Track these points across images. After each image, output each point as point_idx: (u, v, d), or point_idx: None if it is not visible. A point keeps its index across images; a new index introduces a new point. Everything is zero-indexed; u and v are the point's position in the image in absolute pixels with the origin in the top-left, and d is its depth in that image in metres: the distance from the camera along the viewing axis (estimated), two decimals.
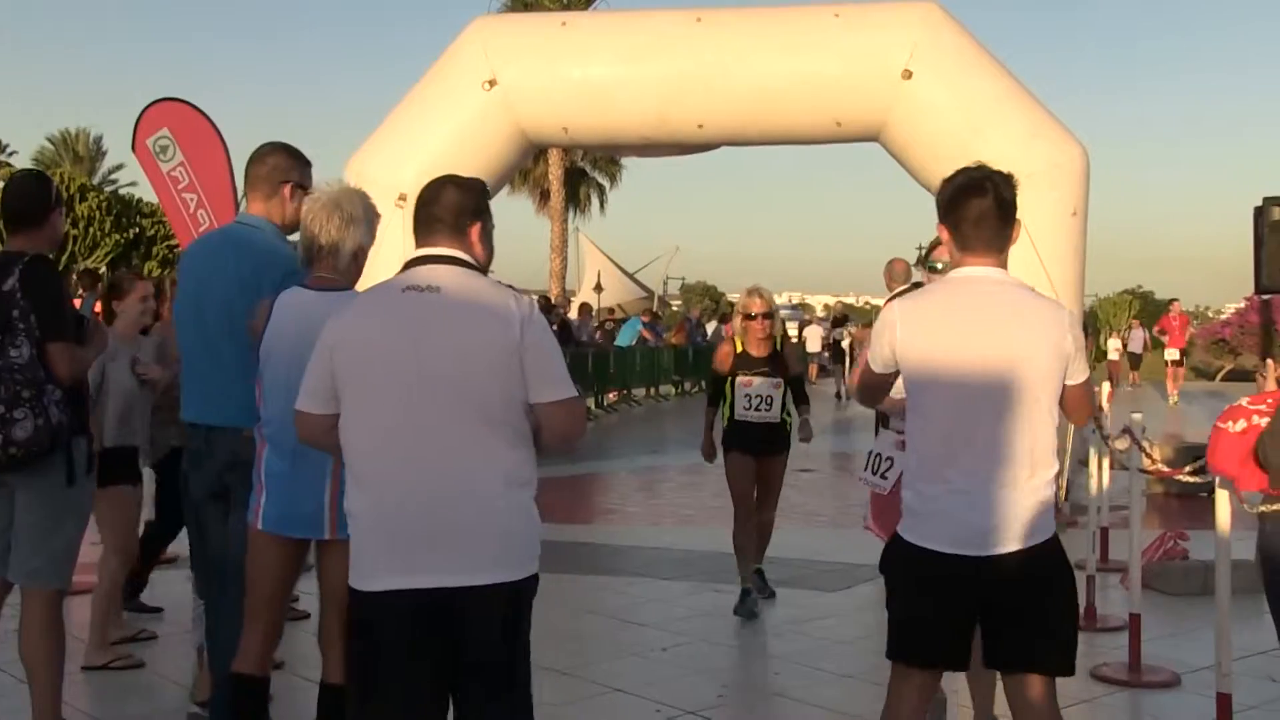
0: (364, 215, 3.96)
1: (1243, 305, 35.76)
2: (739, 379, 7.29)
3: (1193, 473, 5.99)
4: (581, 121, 11.62)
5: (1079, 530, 8.74)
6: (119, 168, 52.47)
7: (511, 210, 42.84)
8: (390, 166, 11.15)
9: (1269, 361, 6.77)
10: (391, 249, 5.63)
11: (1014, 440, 3.30)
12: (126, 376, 6.13)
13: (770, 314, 7.30)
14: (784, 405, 7.31)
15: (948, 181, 3.48)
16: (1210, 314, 52.64)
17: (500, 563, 3.06)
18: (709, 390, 7.58)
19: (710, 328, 33.86)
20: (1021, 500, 3.29)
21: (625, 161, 39.77)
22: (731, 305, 55.44)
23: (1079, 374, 3.40)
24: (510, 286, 3.22)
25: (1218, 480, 4.30)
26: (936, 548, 3.32)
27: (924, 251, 4.35)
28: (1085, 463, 8.46)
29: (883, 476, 5.01)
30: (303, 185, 4.40)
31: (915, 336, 3.39)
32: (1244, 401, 3.86)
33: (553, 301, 24.46)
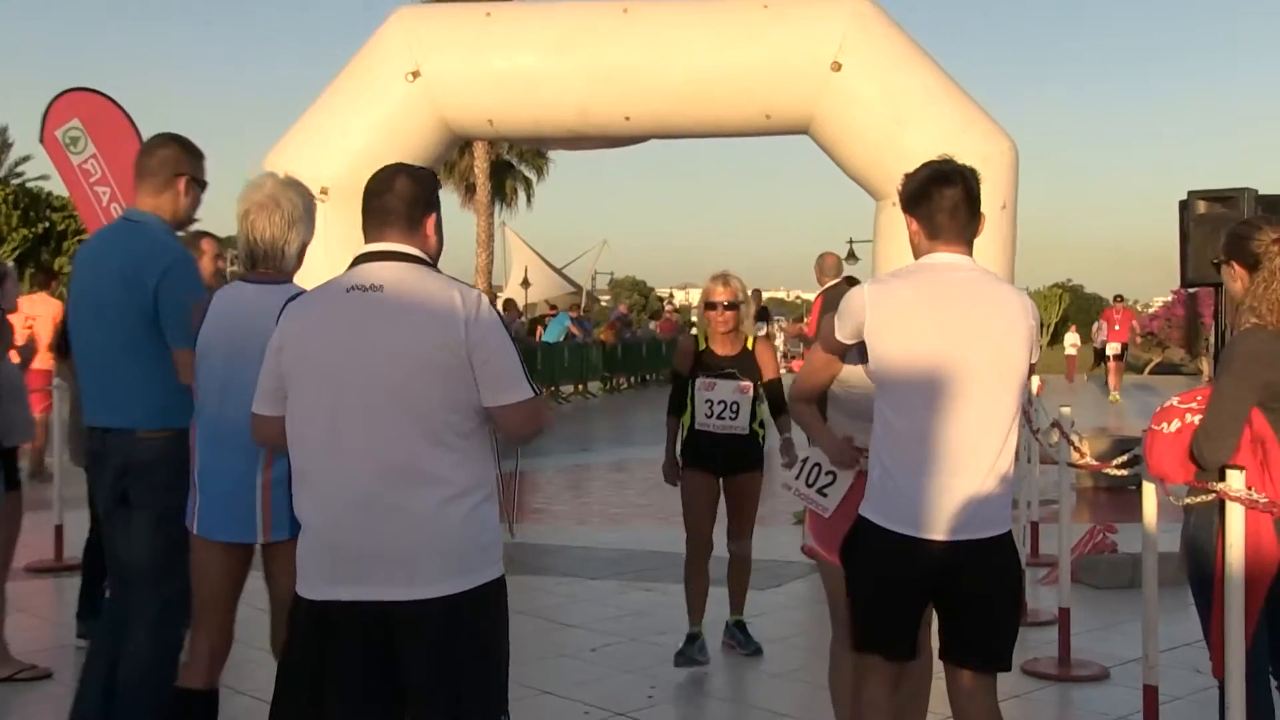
0: (304, 211, 3.90)
1: (1170, 299, 36.50)
2: (699, 381, 6.09)
3: (1120, 466, 6.10)
4: (507, 113, 11.57)
5: (1011, 526, 8.87)
6: (26, 159, 51.30)
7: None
8: (311, 159, 11.02)
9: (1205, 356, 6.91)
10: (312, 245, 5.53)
11: (989, 426, 3.40)
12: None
13: (736, 304, 6.06)
14: (755, 415, 6.11)
15: (914, 173, 3.58)
16: (1139, 307, 53.71)
17: (434, 576, 2.96)
18: (671, 395, 6.29)
19: (651, 324, 33.84)
20: (990, 488, 3.40)
21: (552, 154, 39.65)
22: (662, 301, 55.30)
23: (1035, 355, 3.55)
24: (460, 281, 3.14)
25: (1144, 473, 4.38)
26: (901, 530, 3.40)
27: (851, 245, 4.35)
28: (1016, 457, 8.58)
29: (821, 492, 4.20)
30: (197, 179, 4.31)
31: (889, 321, 3.44)
32: (1175, 401, 3.92)
33: None
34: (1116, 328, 25.27)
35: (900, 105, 10.73)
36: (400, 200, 3.14)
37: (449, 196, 40.02)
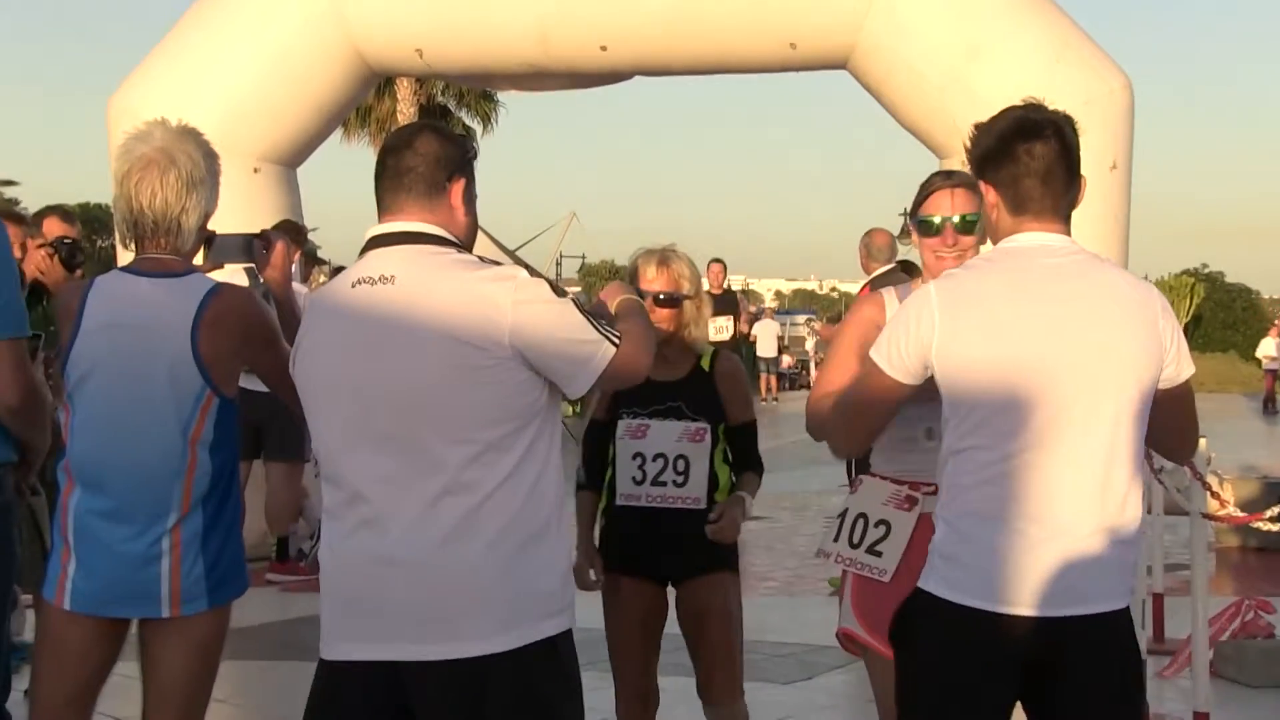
0: (207, 171, 3.96)
1: None
2: (622, 425, 5.09)
3: (1277, 519, 6.11)
4: (442, 41, 11.56)
5: None
6: None
7: (346, 162, 42.32)
8: (172, 103, 10.95)
9: None
10: None
11: (1098, 464, 3.39)
12: None
13: (677, 297, 5.10)
14: (718, 478, 5.14)
15: (989, 124, 3.58)
16: None
17: (462, 632, 3.20)
18: (583, 453, 5.34)
19: None
20: (1100, 546, 3.38)
21: (503, 97, 39.65)
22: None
23: (1182, 370, 3.51)
24: (490, 261, 3.34)
25: None
26: (975, 603, 3.38)
27: (908, 216, 4.32)
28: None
29: (872, 551, 4.06)
30: None
31: (965, 331, 3.42)
32: None
33: None
34: None
35: (972, 28, 10.75)
36: (421, 160, 3.34)
37: (363, 152, 40.04)
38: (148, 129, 3.94)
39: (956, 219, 4.08)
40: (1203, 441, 6.63)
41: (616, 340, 3.33)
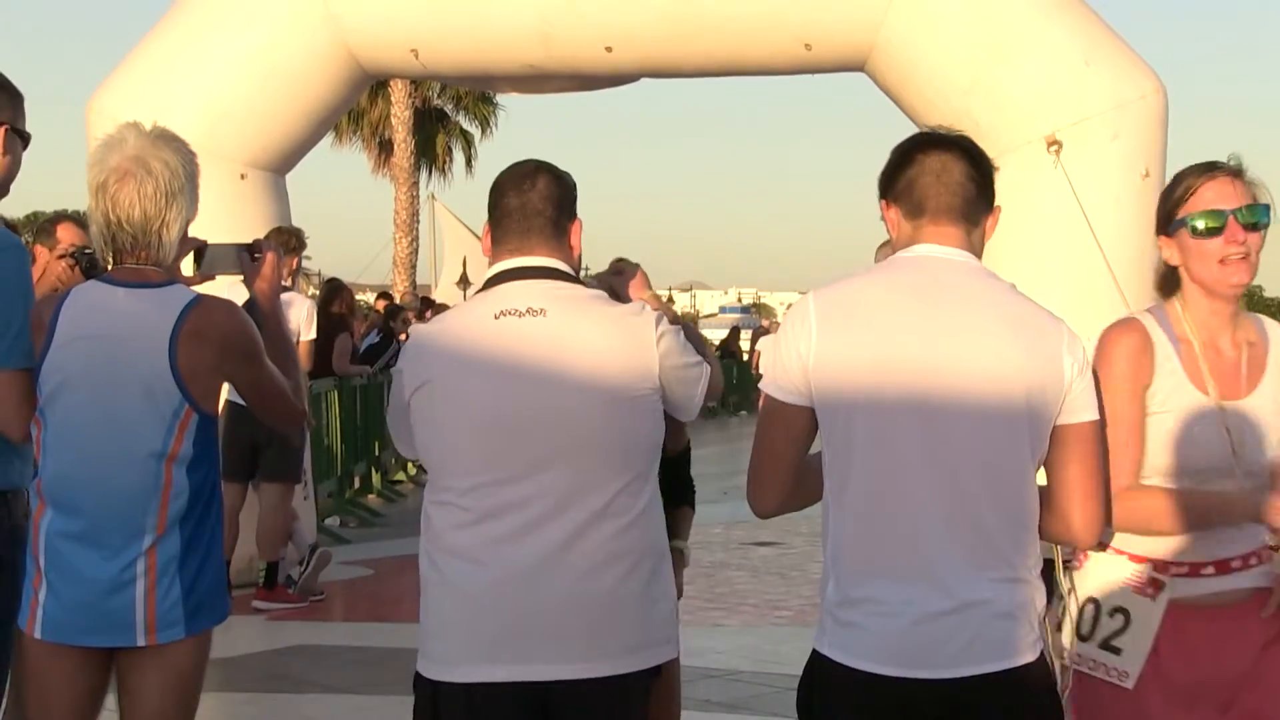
0: (186, 179, 3.95)
1: None
2: None
3: None
4: (438, 42, 11.58)
5: None
6: None
7: (338, 169, 42.41)
8: (153, 106, 10.96)
9: None
10: None
11: (991, 504, 3.25)
12: None
13: None
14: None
15: (892, 151, 3.48)
16: None
17: (605, 651, 3.58)
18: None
19: None
20: (1001, 598, 3.25)
21: (502, 100, 39.76)
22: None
23: (1080, 411, 3.32)
24: (627, 300, 3.88)
25: None
26: (876, 669, 3.24)
27: (1168, 224, 3.95)
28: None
29: (1108, 647, 3.61)
30: (17, 129, 4.33)
31: (837, 344, 3.29)
32: None
33: (397, 301, 24.31)
34: None
35: (997, 29, 10.73)
36: (546, 202, 3.69)
37: (355, 158, 40.19)
38: (120, 134, 3.92)
39: (1243, 210, 3.61)
40: None
41: (706, 360, 3.82)
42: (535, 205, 3.67)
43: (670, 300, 18.21)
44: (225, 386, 4.04)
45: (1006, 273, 11.15)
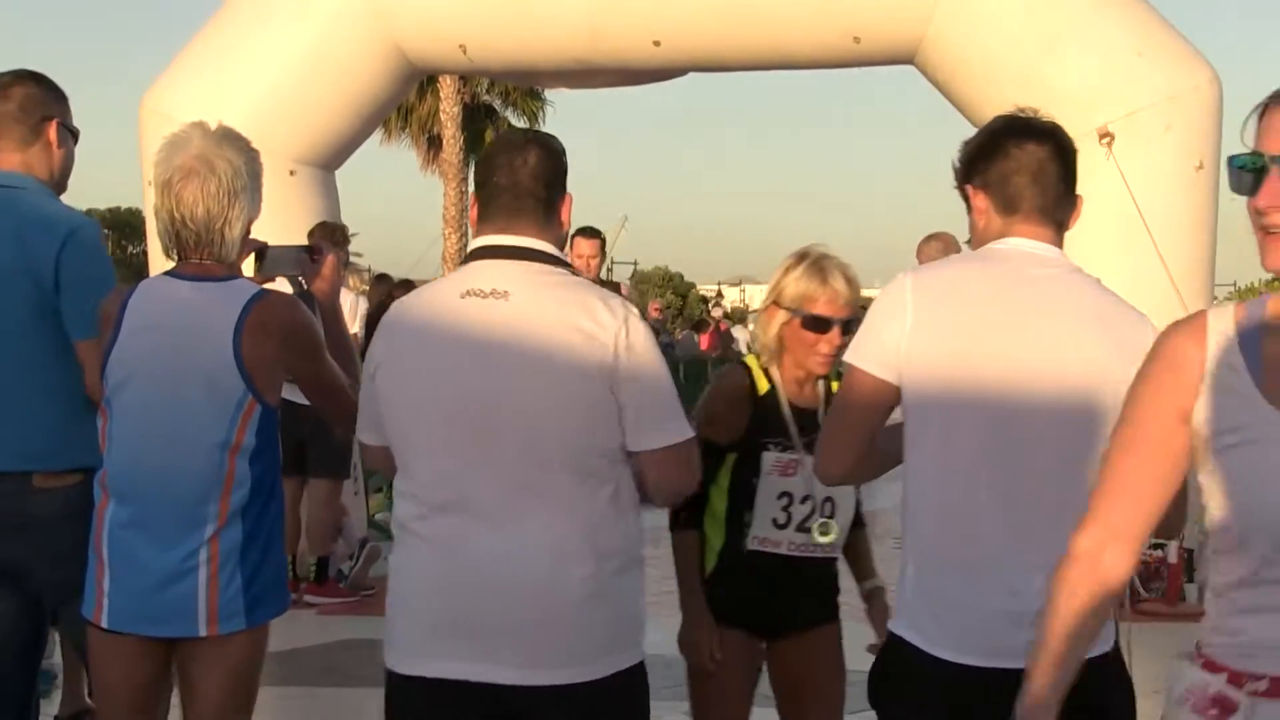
0: (250, 177, 4.02)
1: None
2: (770, 459, 4.48)
3: None
4: (486, 37, 11.60)
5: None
6: None
7: (387, 165, 42.43)
8: (205, 104, 11.05)
9: None
10: None
11: (1080, 495, 3.17)
12: None
13: (851, 320, 4.39)
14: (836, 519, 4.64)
15: (980, 130, 3.51)
16: None
17: (577, 657, 3.41)
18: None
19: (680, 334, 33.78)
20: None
21: (551, 95, 39.77)
22: (705, 301, 55.02)
23: None
24: (600, 287, 3.57)
25: None
26: (959, 658, 3.27)
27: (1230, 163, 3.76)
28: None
29: None
30: (68, 125, 4.50)
31: (933, 328, 3.30)
32: None
33: None
34: None
35: (1049, 20, 10.68)
36: (537, 181, 3.50)
37: (404, 154, 40.38)
38: (185, 134, 3.98)
39: None
40: None
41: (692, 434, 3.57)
42: (526, 185, 3.49)
43: (720, 296, 18.12)
44: None
45: None
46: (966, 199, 3.50)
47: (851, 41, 11.24)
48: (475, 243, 3.53)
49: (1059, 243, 3.42)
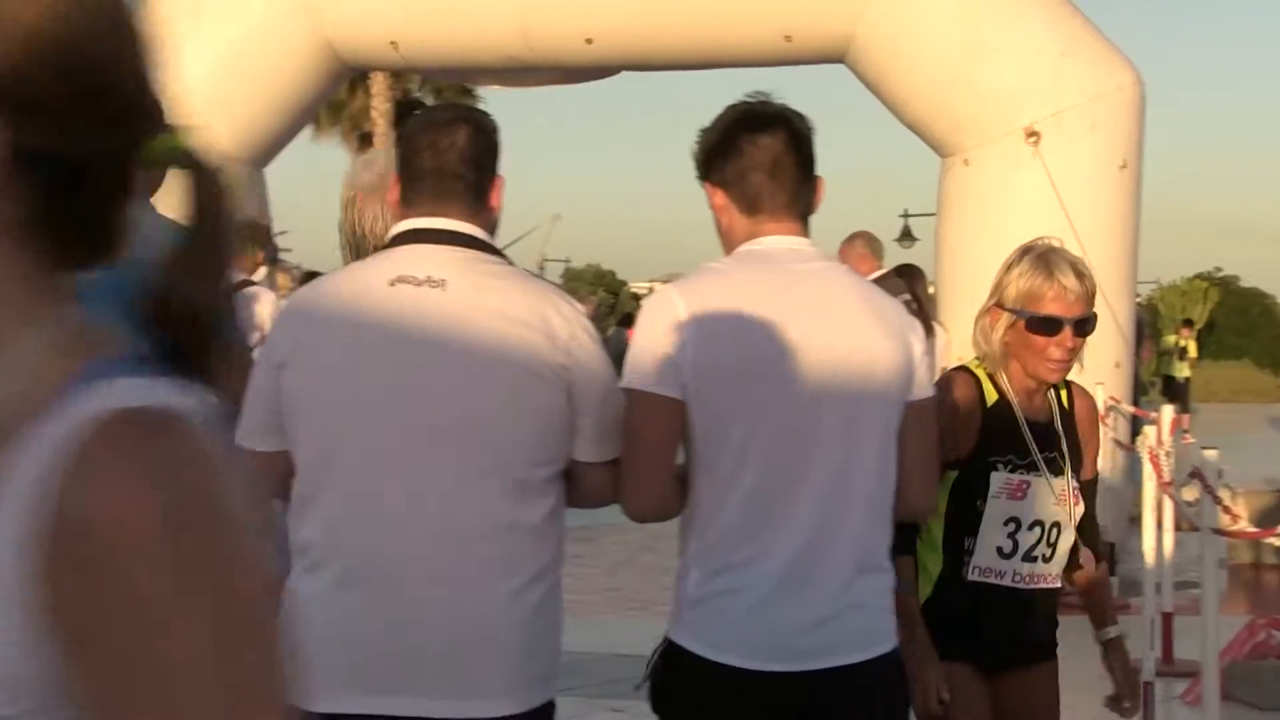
0: None
1: None
2: (999, 479, 4.02)
3: None
4: (418, 33, 11.59)
5: (1133, 617, 8.91)
6: None
7: (317, 160, 42.25)
8: None
9: None
10: None
11: (858, 491, 3.28)
12: None
13: (1089, 320, 4.01)
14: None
15: (713, 121, 3.40)
16: None
17: (497, 688, 3.09)
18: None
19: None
20: (864, 587, 3.29)
21: (483, 93, 39.60)
22: (638, 299, 55.10)
23: (926, 385, 3.41)
24: (548, 282, 3.28)
25: None
26: (737, 662, 3.23)
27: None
28: (1139, 520, 8.59)
29: None
30: None
31: (714, 338, 3.22)
32: None
33: None
34: None
35: (977, 19, 10.77)
36: (465, 164, 3.20)
37: (334, 150, 40.11)
38: (373, 154, 4.02)
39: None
40: (1214, 453, 6.66)
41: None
42: (453, 168, 3.19)
43: (652, 293, 18.02)
44: None
45: (984, 263, 11.21)
46: (711, 203, 3.42)
47: (783, 40, 11.28)
48: (400, 225, 3.22)
49: (807, 233, 3.38)
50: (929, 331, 10.46)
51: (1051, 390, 4.11)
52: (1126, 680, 4.20)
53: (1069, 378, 4.16)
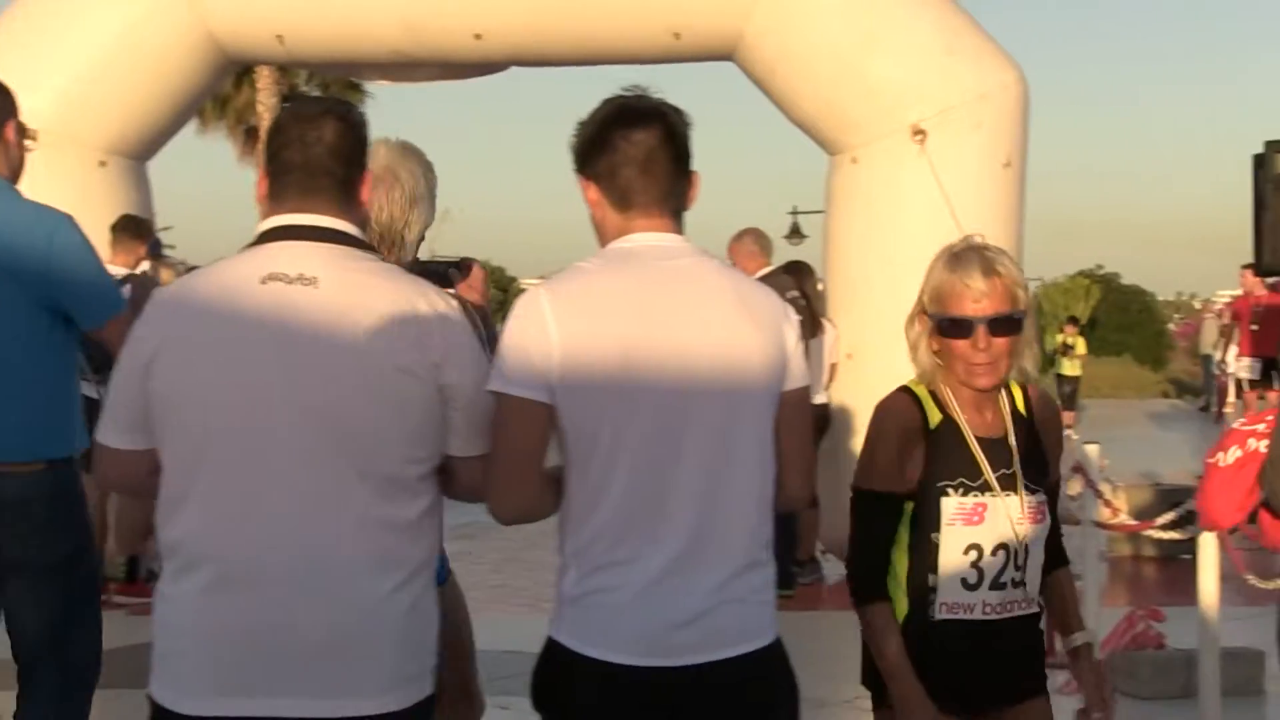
0: (427, 187, 4.23)
1: (1241, 293, 37.27)
2: (951, 505, 3.73)
3: (1170, 526, 6.21)
4: (304, 27, 11.47)
5: None
6: None
7: (203, 156, 41.81)
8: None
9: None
10: None
11: (736, 486, 3.29)
12: None
13: (1013, 317, 3.75)
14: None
15: (589, 118, 3.39)
16: (1196, 304, 54.91)
17: (375, 686, 3.12)
18: (862, 548, 3.85)
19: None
20: (742, 582, 3.29)
21: (371, 88, 39.40)
22: None
23: (801, 375, 3.40)
24: (419, 278, 3.28)
25: (1199, 532, 4.45)
26: (613, 658, 3.24)
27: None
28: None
29: None
30: (22, 125, 4.96)
31: (582, 339, 3.22)
32: (1240, 423, 3.97)
33: None
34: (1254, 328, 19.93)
35: (866, 18, 10.82)
36: (333, 159, 3.21)
37: (220, 145, 39.71)
38: (374, 147, 4.00)
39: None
40: (1094, 448, 6.76)
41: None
42: (321, 163, 3.19)
43: None
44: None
45: (872, 261, 11.25)
46: (584, 197, 3.42)
47: (672, 37, 11.28)
48: (269, 222, 3.21)
49: (679, 229, 3.37)
50: (818, 328, 10.62)
51: (1005, 398, 3.85)
52: (1097, 690, 3.89)
53: (1020, 380, 3.88)
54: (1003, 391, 3.84)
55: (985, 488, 3.71)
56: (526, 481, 3.26)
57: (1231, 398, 23.40)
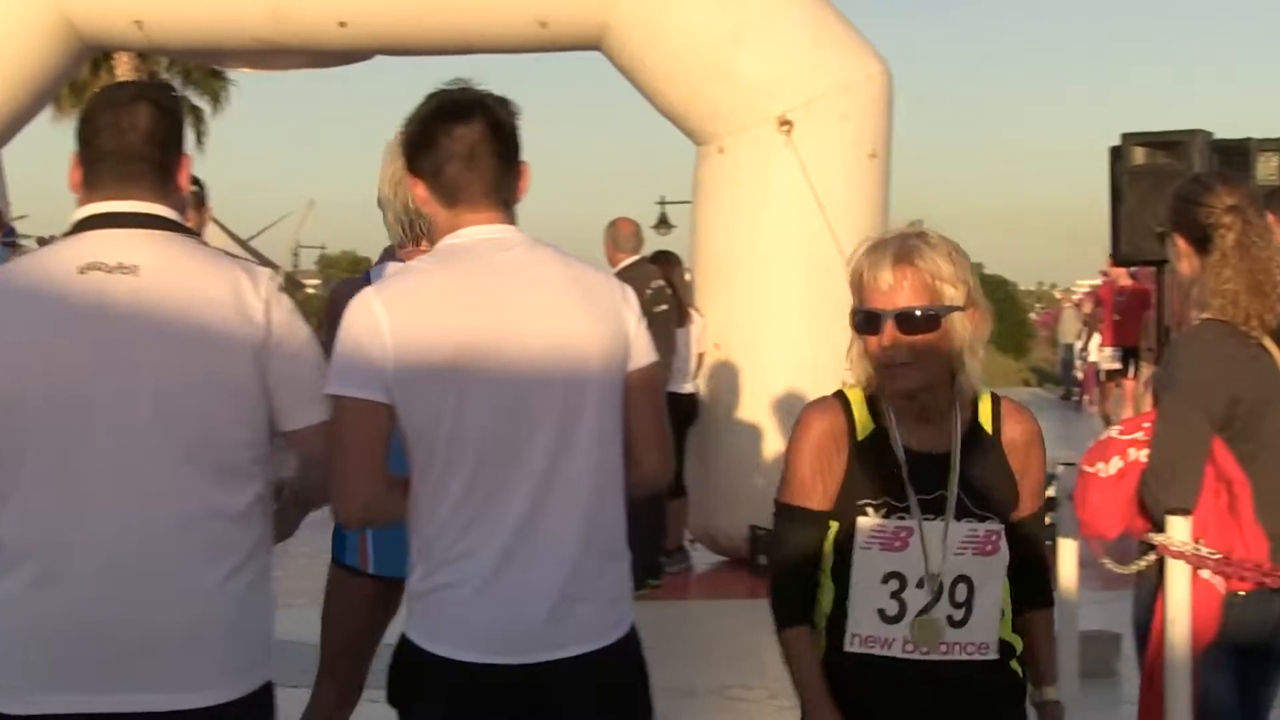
0: None
1: (1100, 283, 37.94)
2: (865, 525, 3.33)
3: None
4: (163, 13, 11.31)
5: None
6: None
7: (55, 143, 41.10)
8: None
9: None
10: None
11: (573, 476, 3.28)
12: None
13: (933, 316, 3.30)
14: (1004, 611, 3.43)
15: (413, 115, 3.38)
16: (1057, 294, 55.80)
17: (211, 676, 3.10)
18: (780, 566, 3.46)
19: None
20: (594, 574, 3.29)
21: (234, 75, 38.99)
22: None
23: (647, 353, 3.40)
24: (241, 258, 3.25)
25: (1061, 526, 4.52)
26: (457, 655, 3.23)
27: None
28: None
29: None
30: None
31: (417, 338, 3.20)
32: (1115, 431, 4.04)
33: None
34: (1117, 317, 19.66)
35: (733, 9, 10.88)
36: (149, 144, 3.17)
37: (68, 132, 39.17)
38: (389, 145, 4.07)
39: None
40: None
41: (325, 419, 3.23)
42: (136, 149, 3.15)
43: None
44: None
45: (739, 250, 11.28)
46: (414, 195, 3.43)
47: (538, 26, 11.25)
48: (85, 210, 3.17)
49: (510, 220, 3.36)
50: (685, 318, 10.65)
51: (961, 410, 3.39)
52: None
53: (999, 394, 3.56)
54: (958, 403, 3.39)
55: (907, 511, 3.29)
56: (366, 482, 3.23)
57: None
